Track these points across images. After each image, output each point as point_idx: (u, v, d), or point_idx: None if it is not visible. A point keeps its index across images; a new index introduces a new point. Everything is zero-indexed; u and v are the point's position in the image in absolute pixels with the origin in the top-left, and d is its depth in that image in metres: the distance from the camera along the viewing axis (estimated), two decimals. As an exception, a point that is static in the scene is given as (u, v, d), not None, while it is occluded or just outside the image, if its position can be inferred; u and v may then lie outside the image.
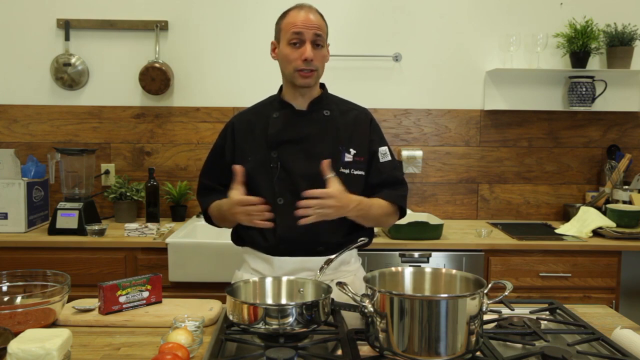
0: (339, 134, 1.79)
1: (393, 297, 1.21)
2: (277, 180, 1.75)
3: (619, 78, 3.15)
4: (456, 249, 2.65)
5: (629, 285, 3.12)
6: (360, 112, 1.87)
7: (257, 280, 1.53)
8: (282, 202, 1.73)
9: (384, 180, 1.80)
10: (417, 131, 3.22)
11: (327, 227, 1.70)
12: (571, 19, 3.10)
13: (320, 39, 1.72)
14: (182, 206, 3.10)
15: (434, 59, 3.19)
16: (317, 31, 1.71)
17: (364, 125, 1.83)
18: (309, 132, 1.78)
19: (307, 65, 1.71)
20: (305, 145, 1.76)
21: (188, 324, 1.40)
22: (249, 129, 1.83)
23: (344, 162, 1.77)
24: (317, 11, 1.77)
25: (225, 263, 2.52)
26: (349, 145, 1.78)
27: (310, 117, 1.79)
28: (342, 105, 1.87)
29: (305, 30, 1.70)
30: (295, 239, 1.72)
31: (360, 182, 1.79)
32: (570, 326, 1.50)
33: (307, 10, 1.74)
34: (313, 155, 1.74)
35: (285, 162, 1.75)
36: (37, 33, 3.13)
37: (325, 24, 1.77)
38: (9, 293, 1.55)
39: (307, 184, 1.69)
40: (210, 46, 3.15)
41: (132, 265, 2.64)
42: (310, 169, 1.73)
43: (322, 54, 1.75)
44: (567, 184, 3.27)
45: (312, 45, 1.71)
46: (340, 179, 1.69)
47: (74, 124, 3.17)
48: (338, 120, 1.81)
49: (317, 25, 1.72)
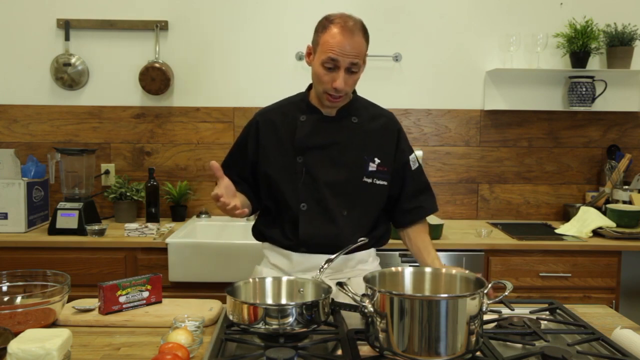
0: (365, 142, 1.78)
1: (393, 297, 1.21)
2: (301, 186, 1.75)
3: (619, 78, 3.15)
4: (456, 249, 2.65)
5: (629, 285, 3.12)
6: (389, 119, 1.86)
7: (257, 280, 1.53)
8: (305, 208, 1.74)
9: (418, 188, 1.86)
10: (417, 131, 3.22)
11: (347, 230, 1.74)
12: (571, 19, 3.10)
13: (356, 65, 1.65)
14: (182, 206, 3.10)
15: (434, 59, 3.19)
16: (354, 59, 1.64)
17: (392, 135, 1.84)
18: (337, 139, 1.76)
19: (336, 93, 1.67)
20: (332, 152, 1.76)
21: (188, 324, 1.40)
22: (273, 130, 1.80)
23: (368, 172, 1.78)
24: (362, 29, 1.67)
25: (225, 263, 2.53)
26: (374, 154, 1.78)
27: (338, 124, 1.78)
28: (372, 110, 1.85)
29: (342, 57, 1.63)
30: (316, 243, 1.74)
31: (383, 192, 1.81)
32: (570, 326, 1.50)
33: (349, 33, 1.63)
34: (339, 163, 1.75)
35: (311, 168, 1.74)
36: (37, 33, 3.13)
37: (366, 42, 1.69)
38: (9, 293, 1.55)
39: (331, 192, 1.73)
40: (210, 46, 3.15)
41: (132, 265, 2.64)
42: (336, 176, 1.74)
43: (356, 78, 1.70)
44: (567, 184, 3.27)
45: (346, 72, 1.65)
46: (363, 188, 1.75)
47: (74, 124, 3.17)
48: (366, 128, 1.80)
49: (355, 53, 1.63)
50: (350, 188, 1.76)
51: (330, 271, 1.73)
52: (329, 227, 1.74)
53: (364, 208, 1.78)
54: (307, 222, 1.73)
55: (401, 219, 1.87)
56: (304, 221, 1.73)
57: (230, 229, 3.00)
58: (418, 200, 1.85)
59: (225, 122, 3.17)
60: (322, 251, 1.72)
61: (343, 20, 1.66)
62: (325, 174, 1.74)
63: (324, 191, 1.73)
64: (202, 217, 3.08)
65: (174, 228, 2.86)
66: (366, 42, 1.70)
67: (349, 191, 1.75)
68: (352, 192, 1.76)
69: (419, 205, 1.85)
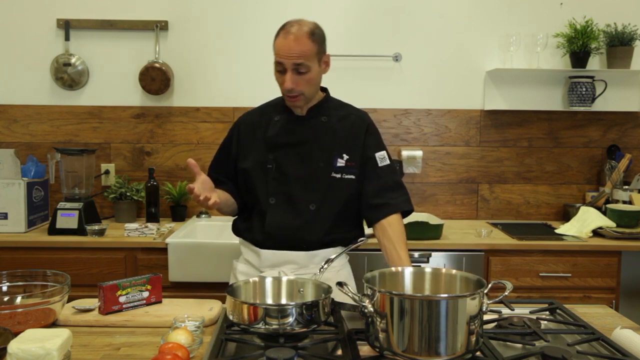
0: (334, 139, 1.85)
1: (393, 297, 1.21)
2: (271, 180, 1.83)
3: (619, 78, 3.15)
4: (456, 249, 2.65)
5: (629, 285, 3.12)
6: (358, 117, 1.91)
7: (257, 280, 1.53)
8: (273, 202, 1.82)
9: (384, 185, 1.86)
10: (417, 131, 3.22)
11: (309, 227, 1.81)
12: (571, 19, 3.10)
13: (302, 66, 1.74)
14: (182, 206, 3.10)
15: (434, 59, 3.19)
16: (297, 60, 1.72)
17: (360, 131, 1.88)
18: (306, 137, 1.85)
19: (289, 93, 1.77)
20: (302, 150, 1.84)
21: (188, 324, 1.40)
22: (252, 129, 1.91)
23: (336, 167, 1.84)
24: (306, 33, 1.73)
25: (225, 263, 2.52)
26: (342, 150, 1.84)
27: (308, 123, 1.86)
28: (342, 110, 1.92)
29: (285, 60, 1.74)
30: (281, 237, 1.81)
31: (351, 185, 1.85)
32: (570, 326, 1.50)
33: (291, 36, 1.72)
34: (308, 160, 1.83)
35: (281, 164, 1.83)
36: (37, 33, 3.13)
37: (314, 44, 1.74)
38: (9, 293, 1.55)
39: (300, 186, 1.81)
40: (210, 46, 3.15)
41: (132, 265, 2.64)
42: (304, 172, 1.82)
43: (307, 78, 1.76)
44: (567, 184, 3.27)
45: (293, 72, 1.74)
46: (332, 183, 1.81)
47: (74, 124, 3.17)
48: (335, 126, 1.87)
49: (297, 54, 1.72)
50: (319, 183, 1.82)
51: (294, 266, 1.81)
52: (294, 220, 1.81)
53: (332, 202, 1.83)
54: (274, 214, 1.81)
55: (368, 216, 1.87)
56: (271, 214, 1.81)
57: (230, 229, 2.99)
58: (385, 197, 1.84)
59: (225, 122, 3.17)
60: (288, 247, 1.81)
61: (289, 25, 1.76)
62: (294, 169, 1.82)
63: (293, 186, 1.81)
64: (202, 217, 3.08)
65: (174, 228, 2.86)
66: (314, 43, 1.75)
67: (317, 186, 1.82)
68: (321, 187, 1.82)
69: (385, 202, 1.83)
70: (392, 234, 1.77)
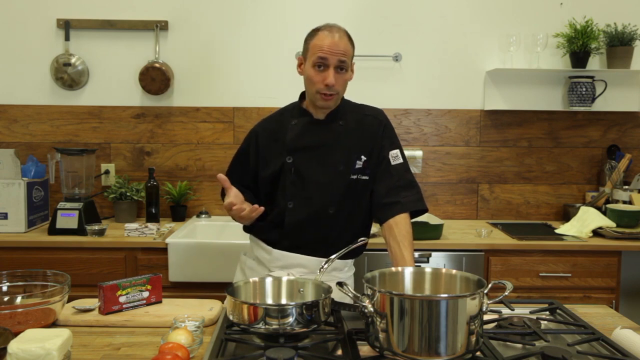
0: (352, 142, 1.85)
1: (393, 297, 1.21)
2: (289, 184, 1.82)
3: (619, 78, 3.15)
4: (456, 249, 2.65)
5: (629, 285, 3.12)
6: (374, 117, 1.91)
7: (257, 280, 1.53)
8: (291, 206, 1.82)
9: (396, 184, 1.84)
10: (417, 131, 3.22)
11: (327, 230, 1.81)
12: (571, 19, 3.10)
13: (345, 64, 1.76)
14: (182, 206, 3.10)
15: (434, 59, 3.19)
16: (342, 57, 1.74)
17: (376, 131, 1.88)
18: (325, 140, 1.84)
19: (328, 90, 1.76)
20: (320, 153, 1.83)
21: (188, 324, 1.40)
22: (272, 137, 1.90)
23: (354, 169, 1.83)
24: (346, 34, 1.79)
25: (225, 263, 2.52)
26: (361, 152, 1.84)
27: (327, 127, 1.86)
28: (358, 112, 1.92)
29: (330, 55, 1.73)
30: (297, 239, 1.81)
31: (367, 186, 1.85)
32: (570, 326, 1.50)
33: (335, 34, 1.75)
34: (326, 163, 1.82)
35: (299, 167, 1.82)
36: (37, 33, 3.13)
37: (352, 47, 1.80)
38: (9, 293, 1.55)
39: (318, 190, 1.81)
40: (210, 46, 3.15)
41: (132, 265, 2.64)
42: (322, 176, 1.81)
43: (345, 78, 1.80)
44: (567, 184, 3.27)
45: (335, 70, 1.75)
46: (350, 186, 1.81)
47: (74, 124, 3.17)
48: (352, 129, 1.86)
49: (342, 51, 1.74)
50: (338, 186, 1.81)
51: (304, 270, 1.80)
52: (313, 223, 1.81)
53: (350, 206, 1.84)
54: (293, 218, 1.81)
55: (379, 214, 1.85)
56: (290, 217, 1.81)
57: (230, 229, 2.99)
58: (397, 195, 1.82)
59: (225, 122, 3.17)
60: (303, 250, 1.81)
61: (329, 26, 1.79)
62: (312, 173, 1.82)
63: (311, 189, 1.81)
64: (202, 217, 3.08)
65: (174, 228, 2.86)
66: (352, 47, 1.80)
67: (336, 190, 1.81)
68: (340, 191, 1.82)
69: (396, 201, 1.81)
70: (398, 233, 1.76)
